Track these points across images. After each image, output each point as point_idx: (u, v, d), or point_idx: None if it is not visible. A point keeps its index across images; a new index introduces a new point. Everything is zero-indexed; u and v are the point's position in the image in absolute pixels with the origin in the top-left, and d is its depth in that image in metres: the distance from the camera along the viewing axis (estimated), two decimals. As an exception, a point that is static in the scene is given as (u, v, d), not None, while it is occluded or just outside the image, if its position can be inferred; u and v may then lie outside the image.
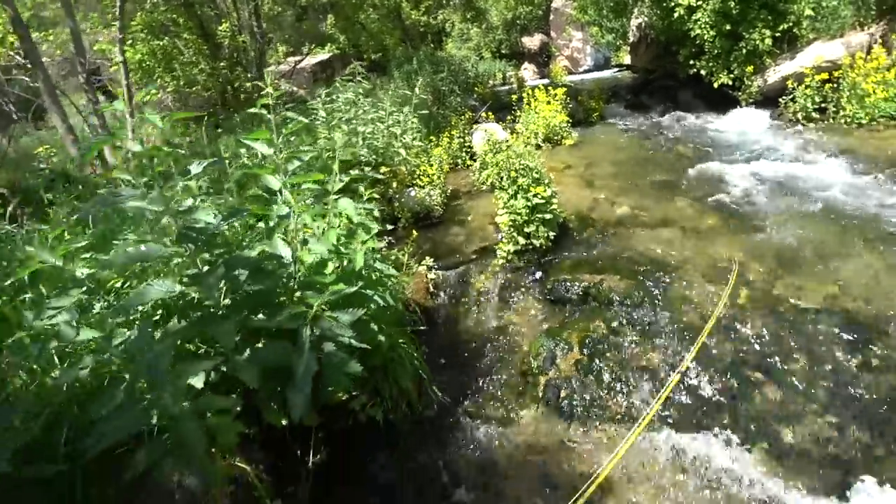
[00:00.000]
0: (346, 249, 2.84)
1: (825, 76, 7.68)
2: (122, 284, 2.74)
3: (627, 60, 16.23)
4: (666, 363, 3.25)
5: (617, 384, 3.11)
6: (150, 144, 2.47)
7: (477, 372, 3.58)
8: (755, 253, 4.35)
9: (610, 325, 3.65)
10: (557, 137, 8.82)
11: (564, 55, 20.49)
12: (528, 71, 20.14)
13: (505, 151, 5.26)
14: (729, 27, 8.47)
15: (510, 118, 9.51)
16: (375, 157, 6.43)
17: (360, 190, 3.87)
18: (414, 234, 5.01)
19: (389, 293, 2.87)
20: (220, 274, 2.19)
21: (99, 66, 12.19)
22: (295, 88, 12.23)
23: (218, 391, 2.33)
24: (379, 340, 2.88)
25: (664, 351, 3.34)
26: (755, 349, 3.27)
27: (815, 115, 7.77)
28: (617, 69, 16.38)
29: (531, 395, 3.24)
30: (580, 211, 5.72)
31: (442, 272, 4.94)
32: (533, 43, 21.12)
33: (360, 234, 2.78)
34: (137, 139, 2.36)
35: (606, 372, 3.22)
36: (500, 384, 3.40)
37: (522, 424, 3.07)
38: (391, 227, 6.19)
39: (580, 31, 19.73)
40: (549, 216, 4.69)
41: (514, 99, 9.68)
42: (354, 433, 3.13)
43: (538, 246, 4.75)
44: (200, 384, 2.02)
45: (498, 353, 3.73)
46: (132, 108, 8.16)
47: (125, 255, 2.30)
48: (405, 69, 12.18)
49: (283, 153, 2.88)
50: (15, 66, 10.75)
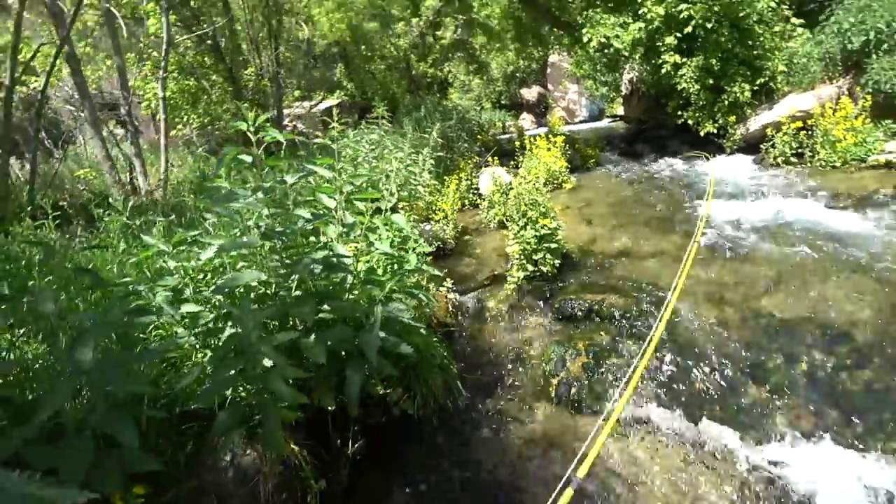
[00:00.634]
0: (398, 254, 3.38)
1: (800, 124, 8.54)
2: (204, 276, 3.26)
3: (621, 111, 17.31)
4: (659, 362, 3.75)
5: (619, 381, 3.60)
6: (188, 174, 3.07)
7: (496, 376, 4.05)
8: (740, 276, 4.92)
9: (612, 335, 4.16)
10: (557, 181, 9.51)
11: (561, 106, 21.63)
12: (526, 121, 21.19)
13: (516, 188, 5.85)
14: (712, 81, 9.36)
15: (513, 163, 10.22)
16: (398, 192, 7.04)
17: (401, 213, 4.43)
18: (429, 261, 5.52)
19: (426, 295, 3.39)
20: (305, 264, 2.71)
21: (119, 101, 12.98)
22: (311, 130, 13.00)
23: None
24: (419, 334, 3.38)
25: (658, 354, 3.84)
26: (735, 348, 3.78)
27: (793, 159, 8.56)
28: (611, 120, 17.40)
29: (545, 393, 3.71)
30: (581, 244, 6.31)
31: (458, 296, 5.46)
32: (531, 94, 22.32)
33: (411, 241, 3.32)
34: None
35: (610, 372, 3.71)
36: (517, 385, 3.88)
37: (538, 417, 3.53)
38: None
39: (576, 83, 20.96)
40: (554, 245, 5.26)
41: (516, 145, 10.43)
42: (388, 427, 3.57)
43: (545, 272, 5.30)
44: (277, 359, 2.50)
45: (514, 360, 4.21)
46: (167, 140, 8.80)
47: (233, 243, 2.84)
48: (414, 116, 13.00)
49: (341, 178, 3.47)
50: (56, 97, 11.47)
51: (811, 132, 8.47)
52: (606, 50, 10.33)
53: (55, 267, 3.31)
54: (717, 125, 9.66)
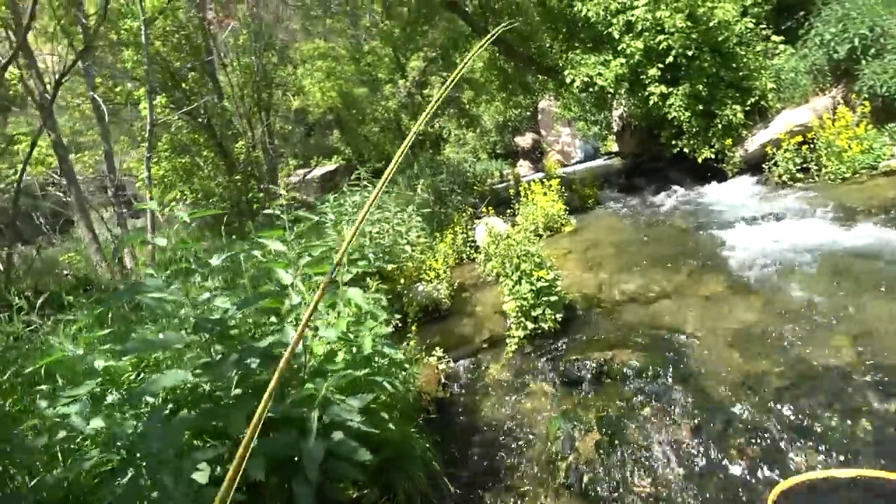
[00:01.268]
0: (355, 337, 2.83)
1: (800, 139, 8.03)
2: (136, 376, 2.73)
3: (615, 148, 16.96)
4: (688, 434, 3.08)
5: (641, 462, 2.93)
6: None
7: (494, 462, 3.40)
8: (767, 313, 4.27)
9: (627, 400, 3.51)
10: (557, 225, 9.01)
11: (556, 150, 21.44)
12: (523, 168, 20.98)
13: (505, 240, 5.34)
14: (702, 107, 8.96)
15: (510, 211, 9.77)
16: (383, 254, 6.55)
17: (367, 282, 3.93)
18: (414, 328, 4.97)
19: (399, 380, 2.81)
20: (232, 362, 2.18)
21: (125, 182, 12.91)
22: (305, 197, 12.77)
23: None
24: (389, 429, 2.78)
25: (684, 422, 3.18)
26: (774, 405, 3.11)
27: (799, 175, 8.01)
28: (607, 157, 17.07)
29: (552, 482, 3.05)
30: (586, 292, 5.71)
31: (453, 363, 4.86)
32: (525, 141, 22.20)
33: (368, 321, 2.77)
34: (162, 237, 2.50)
35: (628, 451, 3.05)
36: (518, 473, 3.22)
37: (546, 515, 2.87)
38: (400, 322, 6.20)
39: (568, 126, 20.82)
40: (554, 298, 4.68)
41: (511, 193, 10.01)
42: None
43: (547, 329, 4.70)
44: (205, 479, 1.94)
45: (515, 440, 3.57)
46: (153, 220, 8.50)
47: (143, 342, 2.32)
48: (407, 174, 12.75)
49: (294, 250, 2.99)
50: (49, 183, 11.36)
51: (813, 146, 7.97)
52: (591, 89, 10.03)
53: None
54: (713, 150, 9.17)
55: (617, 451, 3.08)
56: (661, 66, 8.91)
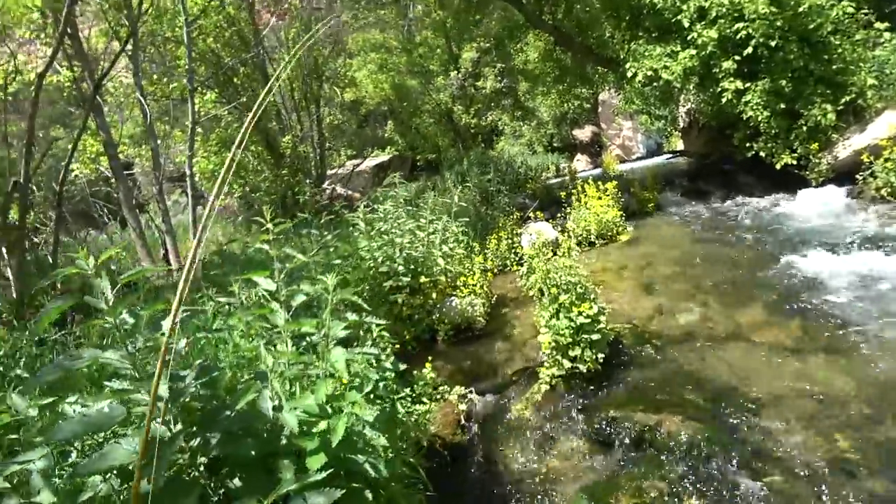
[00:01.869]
0: (333, 409, 2.32)
1: (906, 146, 6.78)
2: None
3: (680, 146, 15.66)
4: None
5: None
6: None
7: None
8: (860, 380, 3.44)
9: (671, 482, 2.84)
10: (610, 233, 8.22)
11: (616, 144, 20.20)
12: (581, 162, 19.93)
13: (545, 263, 4.68)
14: (784, 106, 7.80)
15: (560, 215, 9.03)
16: (414, 266, 6.05)
17: (371, 327, 3.42)
18: (428, 362, 4.43)
19: (385, 461, 2.28)
20: (191, 435, 1.73)
21: (184, 172, 13.10)
22: (350, 192, 12.48)
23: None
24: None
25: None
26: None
27: (902, 189, 6.79)
28: (670, 155, 15.78)
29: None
30: (637, 322, 4.99)
31: (477, 397, 4.31)
32: (584, 135, 21.06)
33: (349, 395, 2.25)
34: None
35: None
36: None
37: None
38: (429, 340, 5.69)
39: (630, 120, 19.53)
40: (596, 336, 4.01)
41: (563, 196, 9.24)
42: None
43: (585, 371, 4.04)
44: None
45: (534, 516, 2.98)
46: (195, 215, 8.38)
47: (75, 424, 1.90)
48: (456, 170, 12.19)
49: (284, 290, 2.53)
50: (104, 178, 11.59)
51: (924, 155, 6.72)
52: (656, 83, 9.06)
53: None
54: (795, 155, 7.98)
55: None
56: (737, 58, 7.84)
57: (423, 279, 5.95)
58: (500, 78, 15.33)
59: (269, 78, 12.54)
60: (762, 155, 8.35)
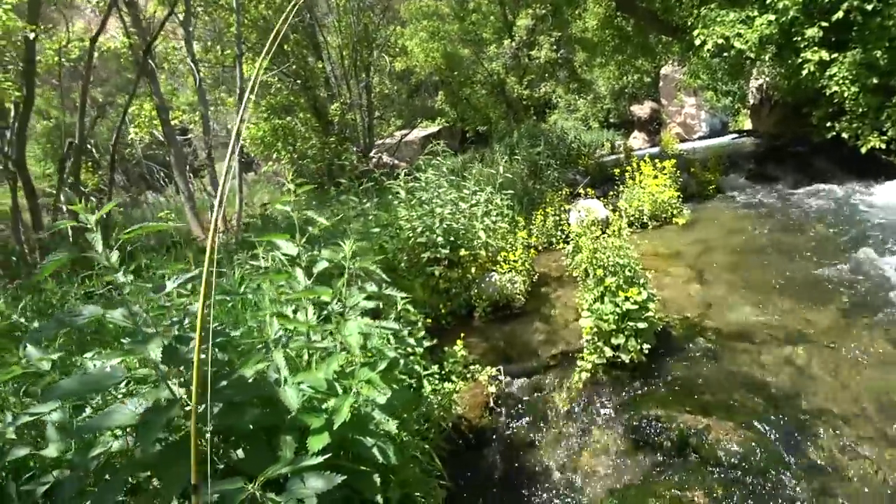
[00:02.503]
0: (344, 387, 2.12)
1: None
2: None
3: (748, 125, 14.57)
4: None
5: None
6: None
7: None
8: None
9: (715, 497, 2.52)
10: (666, 215, 7.68)
11: (676, 122, 19.04)
12: (637, 139, 18.99)
13: (592, 241, 4.32)
14: (877, 80, 6.87)
15: (612, 193, 8.53)
16: (454, 239, 5.80)
17: (396, 299, 3.20)
18: (461, 339, 4.18)
19: (396, 446, 2.07)
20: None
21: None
22: (397, 162, 12.26)
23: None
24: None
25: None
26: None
27: None
28: (736, 135, 14.70)
29: None
30: (687, 314, 4.58)
31: (511, 379, 4.07)
32: (643, 111, 19.99)
33: (360, 372, 2.04)
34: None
35: None
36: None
37: None
38: (465, 315, 5.47)
39: (693, 96, 18.30)
40: (643, 325, 3.66)
41: (617, 172, 8.71)
42: None
43: (628, 362, 3.71)
44: None
45: (561, 512, 2.74)
46: (241, 179, 8.41)
47: (74, 382, 1.78)
48: (505, 142, 11.75)
49: (305, 255, 2.36)
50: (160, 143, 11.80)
51: None
52: (726, 53, 8.26)
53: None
54: (885, 138, 7.08)
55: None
56: (824, 24, 6.97)
57: (462, 252, 5.71)
58: (555, 47, 14.57)
59: (318, 45, 12.37)
60: (844, 137, 7.48)
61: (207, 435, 1.77)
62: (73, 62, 8.95)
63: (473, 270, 5.84)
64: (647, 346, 3.73)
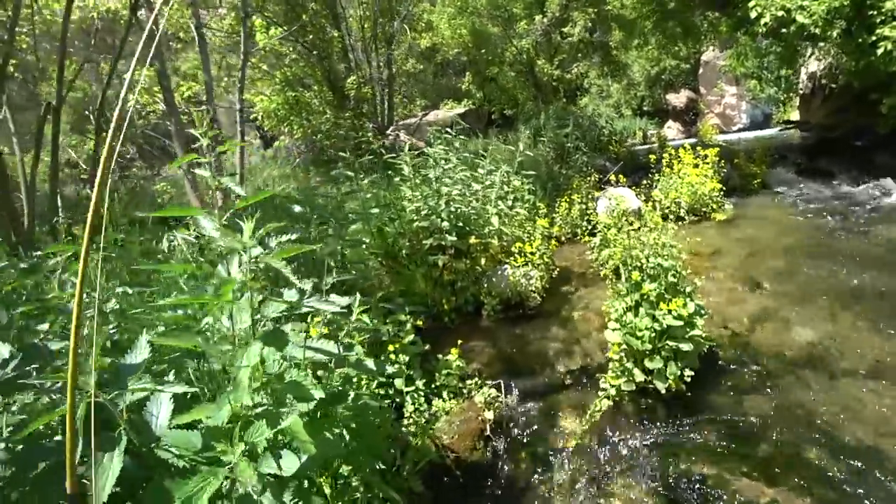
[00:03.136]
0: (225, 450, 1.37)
1: None
2: None
3: (795, 116, 13.29)
4: None
5: None
6: None
7: None
8: None
9: None
10: (705, 209, 6.76)
11: (715, 112, 17.74)
12: (672, 129, 17.79)
13: (627, 236, 3.49)
14: (968, 62, 5.83)
15: (646, 182, 7.61)
16: (462, 224, 5.01)
17: (351, 305, 2.39)
18: (462, 343, 3.42)
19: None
20: None
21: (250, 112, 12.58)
22: (415, 141, 11.41)
23: None
24: None
25: None
26: None
27: None
28: (782, 127, 13.47)
29: None
30: (735, 329, 3.74)
31: (516, 398, 3.31)
32: (679, 100, 18.71)
33: (254, 429, 1.28)
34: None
35: None
36: None
37: None
38: (471, 313, 4.69)
39: (734, 85, 16.98)
40: (686, 347, 2.84)
41: (652, 159, 7.77)
42: None
43: (664, 391, 2.91)
44: None
45: None
46: (242, 154, 7.73)
47: None
48: (532, 124, 10.85)
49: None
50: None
51: None
52: (784, 30, 7.19)
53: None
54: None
55: None
56: (906, -3, 5.93)
57: (471, 240, 4.92)
58: (589, 25, 13.46)
59: (338, 16, 11.54)
60: (918, 129, 6.45)
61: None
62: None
63: (483, 262, 5.06)
64: (689, 372, 2.91)
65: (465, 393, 3.30)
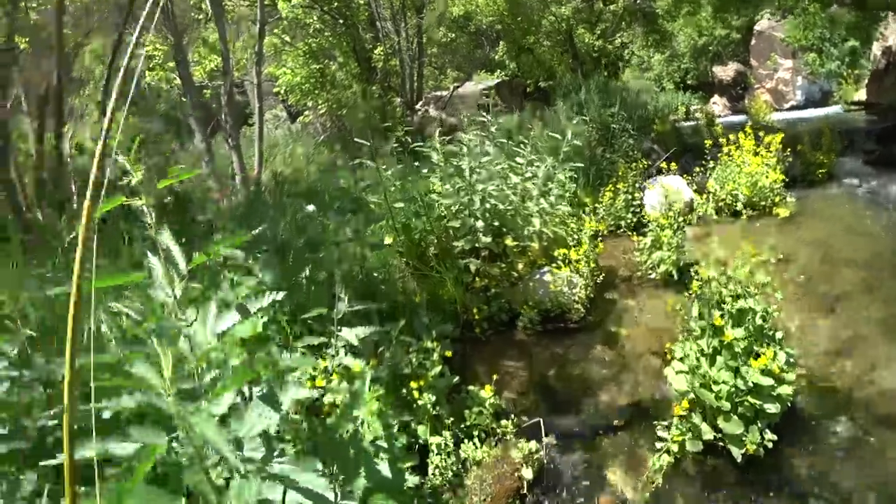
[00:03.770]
0: None
1: None
2: None
3: (861, 96, 12.09)
4: None
5: None
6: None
7: None
8: None
9: None
10: (764, 203, 6.03)
11: (766, 87, 16.40)
12: (717, 105, 16.59)
13: (717, 272, 2.82)
14: None
15: (699, 169, 6.88)
16: (499, 224, 4.48)
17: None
18: (490, 384, 2.96)
19: None
20: None
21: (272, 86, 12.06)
22: (446, 117, 10.79)
23: None
24: None
25: None
26: None
27: None
28: (843, 107, 12.31)
29: None
30: (814, 367, 3.17)
31: (556, 444, 2.86)
32: (726, 73, 17.35)
33: None
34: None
35: None
36: None
37: None
38: (503, 326, 4.20)
39: (790, 58, 15.58)
40: (773, 408, 2.31)
41: (708, 144, 7.00)
42: None
43: (738, 456, 2.39)
44: None
45: None
46: (261, 131, 7.30)
47: None
48: (572, 99, 10.05)
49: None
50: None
51: None
52: None
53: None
54: None
55: None
56: None
57: (508, 242, 4.40)
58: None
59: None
60: None
61: None
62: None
63: (521, 266, 4.54)
64: (771, 436, 2.38)
65: (498, 433, 2.86)
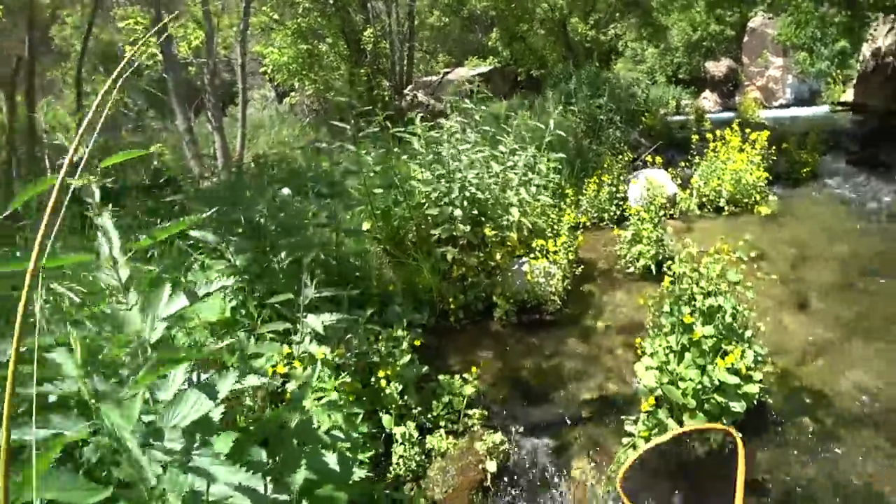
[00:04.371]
0: None
1: None
2: None
3: (848, 97, 12.14)
4: None
5: None
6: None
7: None
8: None
9: None
10: (746, 201, 6.04)
11: (756, 85, 16.44)
12: (708, 100, 16.59)
13: (688, 266, 2.80)
14: None
15: (683, 163, 6.86)
16: (478, 212, 4.42)
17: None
18: (473, 371, 2.91)
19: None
20: None
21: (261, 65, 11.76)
22: (434, 102, 10.63)
23: None
24: None
25: None
26: None
27: None
28: (831, 107, 12.36)
29: None
30: (782, 363, 3.18)
31: (523, 432, 2.83)
32: (718, 69, 17.34)
33: None
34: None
35: None
36: None
37: None
38: (479, 315, 4.16)
39: (781, 56, 15.61)
40: (738, 407, 2.29)
41: (695, 139, 6.97)
42: None
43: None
44: None
45: None
46: (244, 113, 7.12)
47: None
48: (561, 88, 9.97)
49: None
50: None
51: None
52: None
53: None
54: None
55: None
56: None
57: (487, 231, 4.34)
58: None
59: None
60: None
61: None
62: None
63: (499, 256, 4.48)
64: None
65: (467, 423, 2.82)
